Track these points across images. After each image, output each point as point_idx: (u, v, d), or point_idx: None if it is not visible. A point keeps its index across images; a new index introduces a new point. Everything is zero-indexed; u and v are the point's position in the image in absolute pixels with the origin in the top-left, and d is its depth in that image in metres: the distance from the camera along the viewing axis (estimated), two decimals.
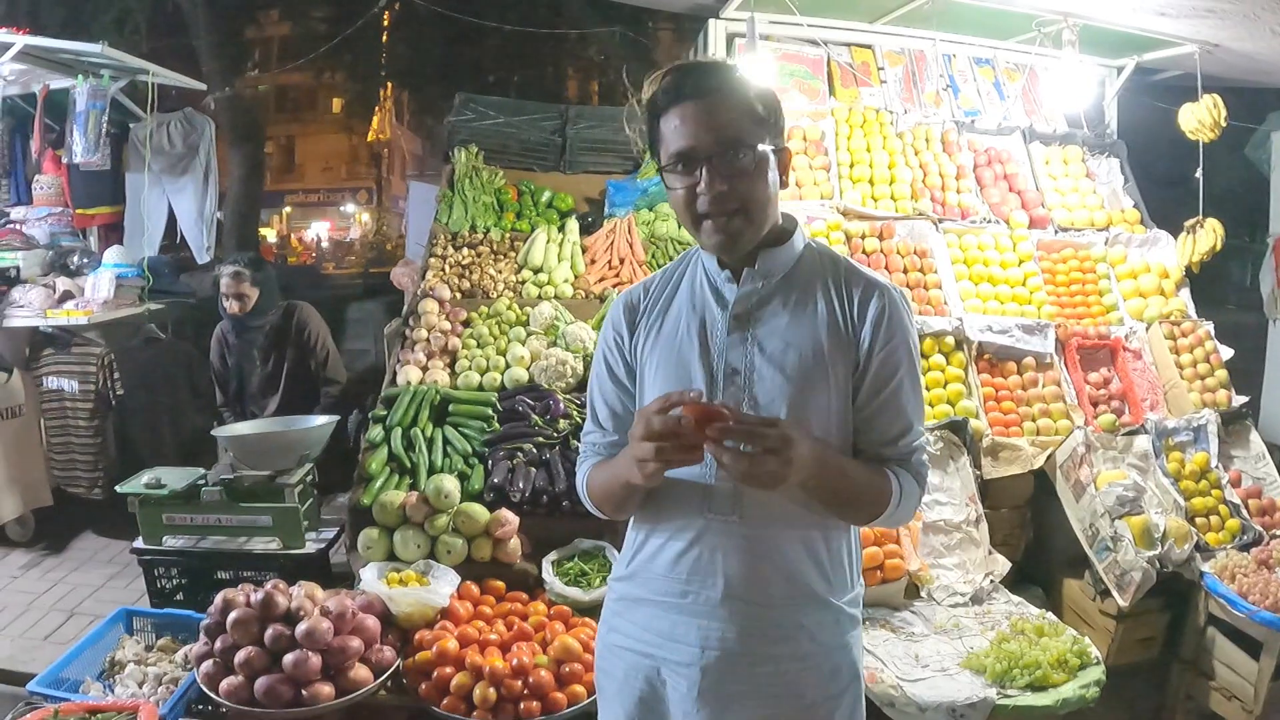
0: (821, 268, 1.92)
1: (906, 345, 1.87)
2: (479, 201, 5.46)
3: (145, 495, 3.79)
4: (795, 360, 1.83)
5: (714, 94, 1.77)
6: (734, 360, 1.86)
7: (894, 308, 1.87)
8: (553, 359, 4.29)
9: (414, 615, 3.12)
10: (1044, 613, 3.60)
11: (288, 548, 3.77)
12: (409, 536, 3.49)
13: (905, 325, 1.87)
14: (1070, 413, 4.61)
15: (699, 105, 1.77)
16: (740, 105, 1.78)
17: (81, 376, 5.74)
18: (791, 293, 1.89)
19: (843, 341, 1.85)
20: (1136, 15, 4.84)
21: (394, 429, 3.94)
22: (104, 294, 5.87)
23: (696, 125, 1.77)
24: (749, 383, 1.85)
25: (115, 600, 4.71)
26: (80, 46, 6.07)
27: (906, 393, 1.87)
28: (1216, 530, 4.20)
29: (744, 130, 1.77)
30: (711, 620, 1.86)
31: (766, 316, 1.88)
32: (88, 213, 6.93)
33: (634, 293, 2.06)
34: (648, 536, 1.94)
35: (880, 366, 1.85)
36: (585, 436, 2.10)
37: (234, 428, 4.09)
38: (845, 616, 1.93)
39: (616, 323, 2.04)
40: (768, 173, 1.80)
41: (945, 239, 5.10)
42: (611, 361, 2.03)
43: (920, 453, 1.90)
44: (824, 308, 1.87)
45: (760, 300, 1.88)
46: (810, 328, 1.85)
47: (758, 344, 1.86)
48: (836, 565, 1.91)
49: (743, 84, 1.80)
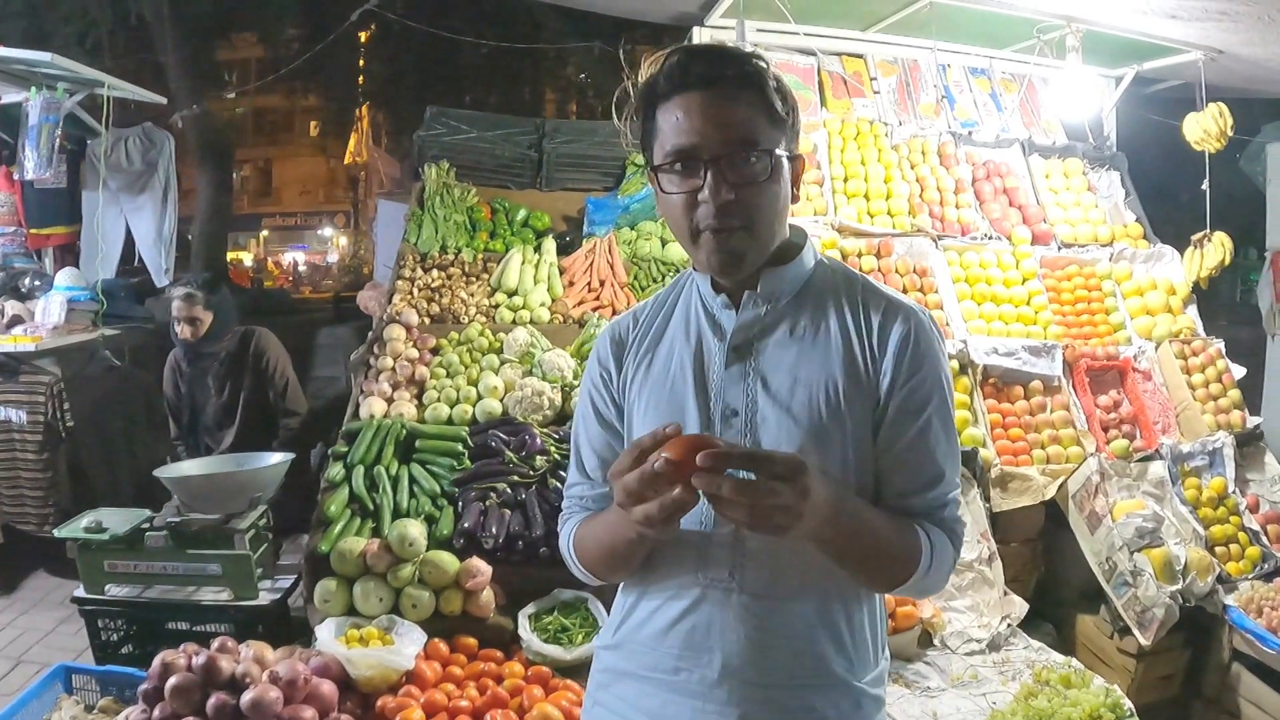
0: (835, 288, 1.66)
1: (936, 378, 1.61)
2: (450, 220, 5.32)
3: (85, 540, 3.55)
4: (805, 399, 1.58)
5: (727, 84, 1.52)
6: (733, 399, 1.61)
7: (921, 334, 1.61)
8: (528, 389, 4.07)
9: (375, 679, 2.85)
10: (1069, 660, 3.43)
11: (239, 598, 3.51)
12: (370, 589, 3.21)
13: (935, 354, 1.62)
14: (1081, 439, 4.49)
15: (708, 96, 1.51)
16: (756, 100, 1.53)
17: (30, 406, 5.48)
18: (800, 319, 1.64)
19: (861, 376, 1.59)
20: (1145, 19, 4.74)
21: (356, 467, 3.70)
22: (54, 318, 5.67)
23: (703, 120, 1.51)
24: (751, 425, 1.60)
25: (66, 647, 4.50)
26: (29, 55, 5.85)
27: (936, 434, 1.61)
28: (1236, 559, 4.15)
29: (759, 130, 1.52)
30: (708, 702, 1.59)
31: (770, 347, 1.63)
32: (42, 232, 6.74)
33: (622, 323, 1.80)
34: (637, 601, 1.68)
35: (904, 404, 1.59)
36: (569, 489, 1.83)
37: (179, 467, 3.86)
38: (868, 699, 1.65)
39: (603, 358, 1.78)
40: (782, 183, 1.57)
41: (945, 256, 4.99)
42: (598, 403, 1.77)
43: (954, 506, 1.64)
44: (838, 336, 1.61)
45: (763, 328, 1.64)
46: (823, 360, 1.60)
47: (761, 380, 1.61)
48: (858, 639, 1.64)
49: (761, 75, 1.54)
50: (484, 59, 13.02)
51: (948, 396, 1.64)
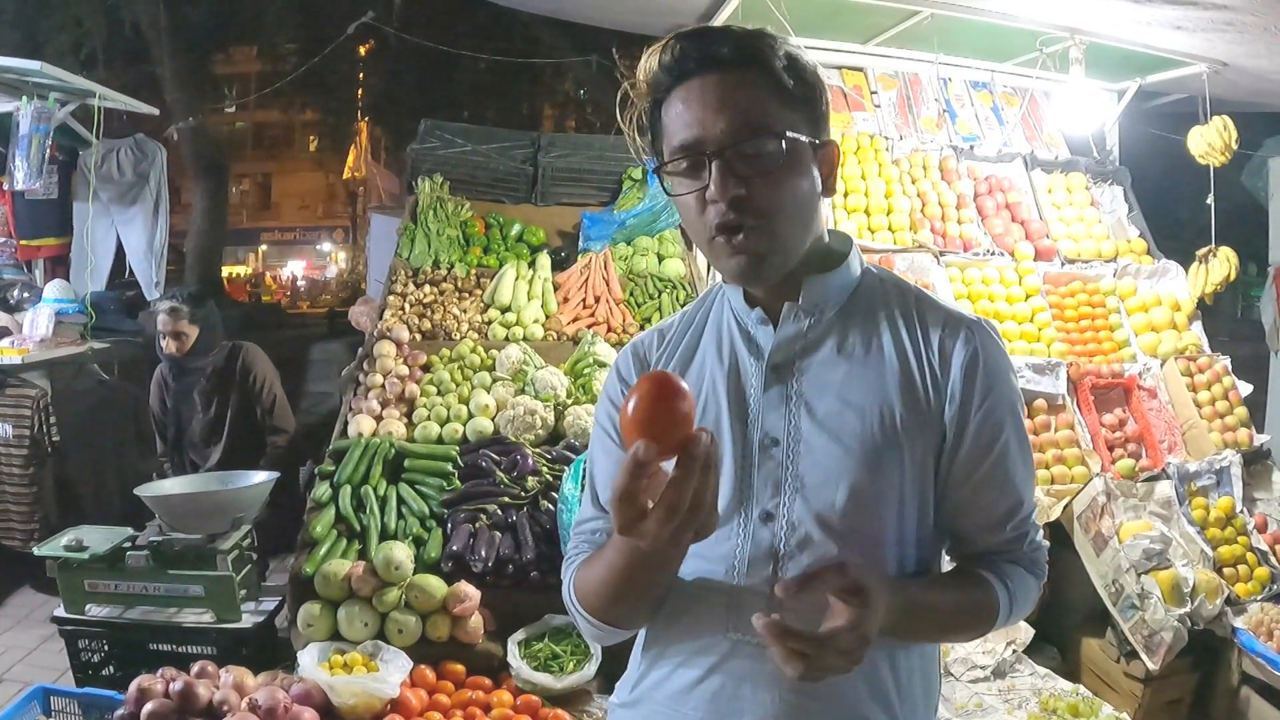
0: (887, 300, 1.48)
1: (1009, 399, 1.45)
2: (443, 235, 5.30)
3: (65, 559, 3.45)
4: (857, 426, 1.40)
5: (729, 67, 1.35)
6: (772, 426, 1.43)
7: (989, 350, 1.44)
8: (520, 408, 4.00)
9: (359, 707, 2.77)
10: (1077, 688, 3.41)
11: (222, 621, 3.42)
12: (355, 613, 3.13)
13: (1005, 372, 1.46)
14: (1086, 458, 4.41)
15: (708, 82, 1.35)
16: (765, 80, 1.35)
17: (15, 420, 5.44)
18: (848, 334, 1.45)
19: (920, 401, 1.42)
20: (1150, 31, 4.71)
21: (343, 486, 3.63)
22: (42, 331, 5.64)
23: (704, 108, 1.34)
24: (793, 455, 1.42)
25: (49, 666, 4.42)
26: (18, 64, 5.82)
27: (1014, 460, 1.45)
28: (1245, 580, 4.11)
29: (768, 112, 1.34)
30: None
31: (815, 367, 1.44)
32: (33, 244, 6.78)
33: (645, 341, 1.62)
34: (658, 655, 1.50)
35: (979, 433, 1.43)
36: (580, 525, 1.61)
37: (160, 486, 3.76)
38: None
39: (626, 376, 1.61)
40: (804, 172, 1.37)
41: (947, 273, 4.94)
42: (614, 428, 1.54)
43: (1035, 531, 1.51)
44: (893, 354, 1.43)
45: (806, 345, 1.45)
46: (876, 382, 1.42)
47: (804, 404, 1.42)
48: (906, 696, 1.46)
49: (770, 51, 1.36)
50: (482, 73, 13.06)
51: (1021, 415, 1.49)
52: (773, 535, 1.41)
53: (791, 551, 1.40)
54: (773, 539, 1.41)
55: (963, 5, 4.85)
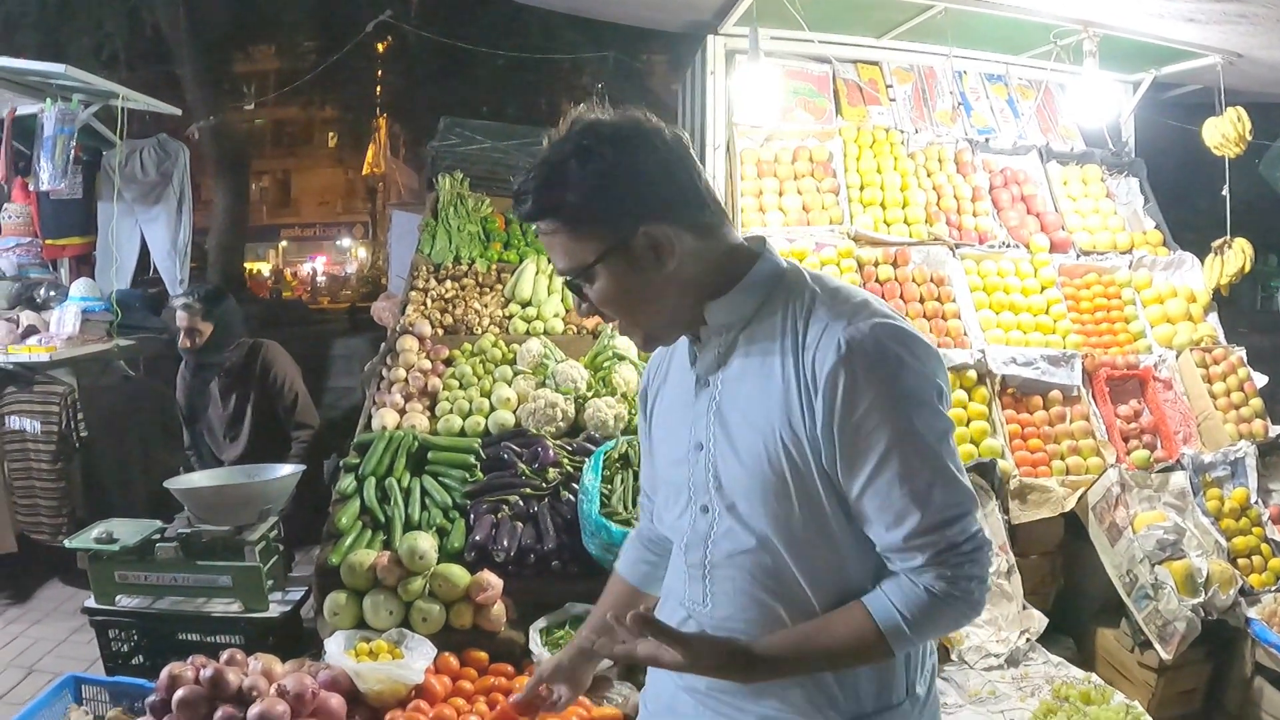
0: (787, 309, 1.53)
1: (885, 409, 1.42)
2: (464, 231, 5.36)
3: (95, 550, 3.53)
4: (749, 441, 1.52)
5: (535, 220, 1.56)
6: (698, 432, 1.61)
7: (856, 358, 1.42)
8: (541, 401, 4.06)
9: (384, 693, 2.82)
10: (1089, 676, 3.40)
11: (249, 610, 3.48)
12: (380, 602, 3.18)
13: (879, 380, 1.42)
14: (1101, 449, 4.45)
15: (540, 234, 1.61)
16: (562, 224, 1.52)
17: (44, 416, 5.53)
18: (751, 350, 1.54)
19: (799, 421, 1.47)
20: (1163, 23, 4.70)
21: (367, 479, 3.70)
22: (69, 329, 5.68)
23: (548, 251, 1.62)
24: (711, 460, 1.59)
25: (78, 656, 4.52)
26: (44, 67, 5.89)
27: (900, 470, 1.42)
28: (1259, 571, 4.15)
29: (575, 253, 1.53)
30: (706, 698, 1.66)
31: (729, 382, 1.57)
32: (58, 243, 6.80)
33: (660, 352, 1.87)
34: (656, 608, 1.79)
35: (851, 444, 1.44)
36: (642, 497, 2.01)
37: (188, 479, 3.83)
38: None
39: (644, 381, 1.89)
40: (622, 274, 1.52)
41: (963, 265, 4.97)
42: (641, 426, 1.91)
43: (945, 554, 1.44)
44: (779, 372, 1.49)
45: (719, 360, 1.59)
46: (768, 401, 1.50)
47: (720, 415, 1.58)
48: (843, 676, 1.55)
49: (559, 190, 1.49)
50: (500, 69, 13.04)
51: (913, 422, 1.43)
52: (706, 524, 1.62)
53: (717, 539, 1.61)
54: (706, 527, 1.62)
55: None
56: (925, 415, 1.44)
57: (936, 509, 1.43)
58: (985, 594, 1.48)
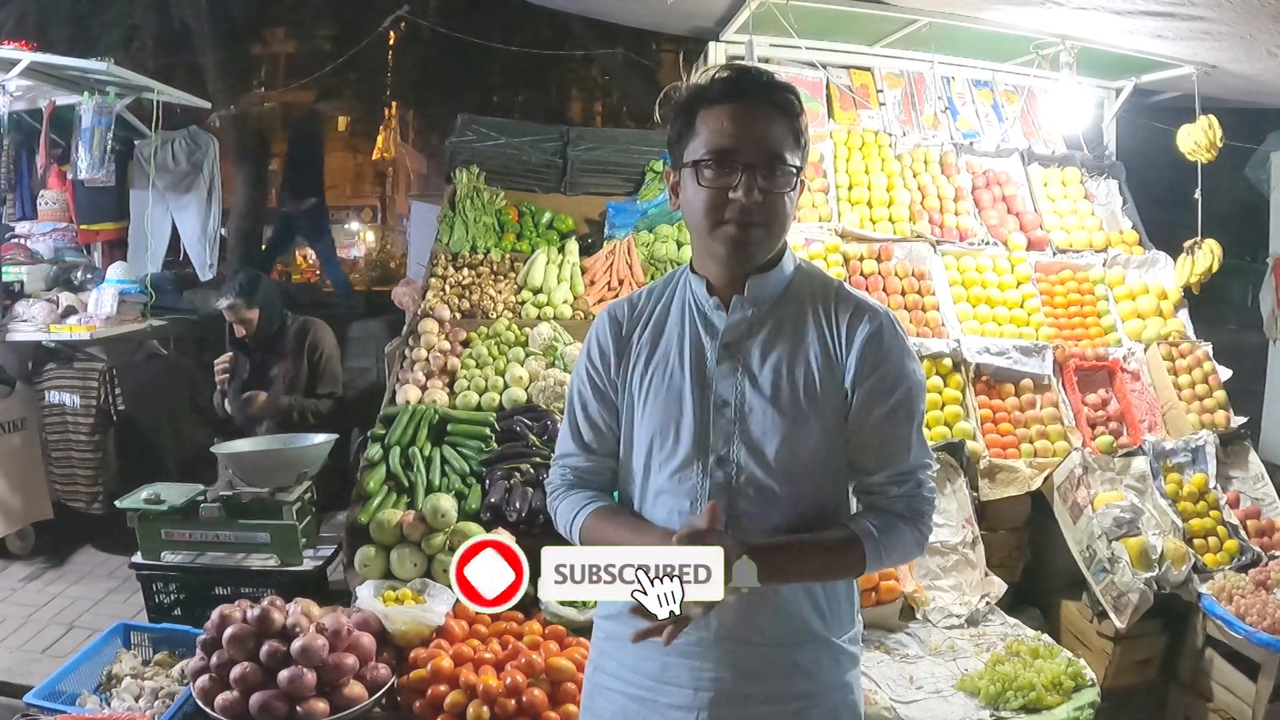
0: (813, 292, 1.85)
1: (899, 373, 1.80)
2: (480, 222, 5.47)
3: (144, 510, 3.79)
4: (788, 393, 1.78)
5: (769, 104, 1.73)
6: (724, 392, 1.81)
7: (884, 333, 1.80)
8: (551, 380, 4.31)
9: (409, 633, 3.11)
10: (1039, 634, 3.59)
11: (285, 565, 3.77)
12: (405, 555, 3.50)
13: (898, 352, 1.81)
14: (1068, 434, 4.60)
15: (753, 109, 1.72)
16: (788, 124, 1.74)
17: (83, 391, 5.73)
18: (783, 320, 1.83)
19: (833, 371, 1.79)
20: (1133, 38, 4.85)
21: (392, 448, 3.94)
22: (107, 310, 5.86)
23: (746, 129, 1.71)
24: (740, 416, 1.80)
25: (114, 614, 4.69)
26: (86, 64, 6.07)
27: (898, 423, 1.80)
28: (1215, 551, 4.21)
29: (788, 148, 1.73)
30: (705, 661, 1.80)
31: (757, 346, 1.82)
32: (92, 228, 6.94)
33: (618, 309, 1.97)
34: None
35: (869, 393, 1.79)
36: (561, 459, 1.99)
37: (233, 444, 4.09)
38: (845, 655, 1.88)
39: (603, 340, 1.95)
40: (794, 197, 1.78)
41: (943, 261, 5.12)
42: (596, 379, 1.94)
43: (918, 488, 1.82)
44: (814, 335, 1.81)
45: (750, 328, 1.82)
46: (803, 358, 1.80)
47: (749, 375, 1.80)
48: (833, 602, 1.86)
49: (793, 105, 1.76)
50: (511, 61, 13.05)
51: (912, 391, 1.80)
52: (726, 475, 1.80)
53: (741, 487, 1.80)
54: (726, 478, 1.79)
55: (958, 15, 5.03)
56: (918, 390, 1.83)
57: (915, 458, 1.82)
58: (928, 532, 1.83)
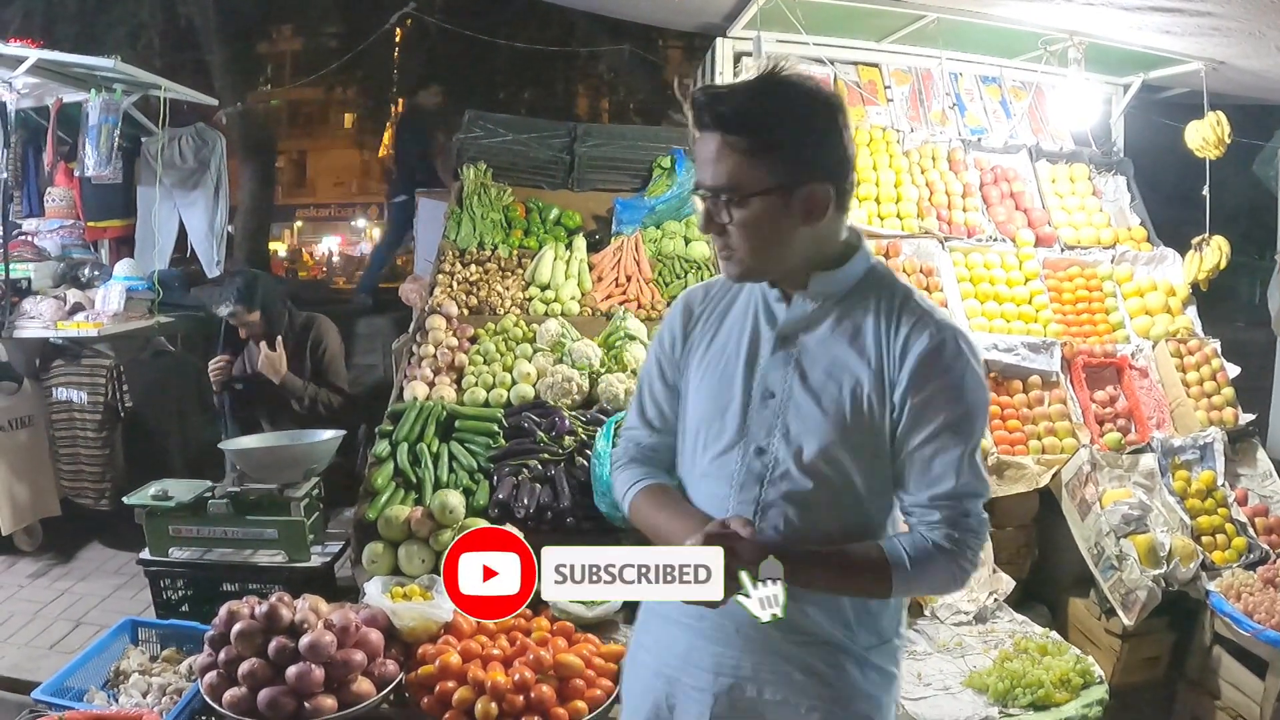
0: (879, 296, 1.78)
1: (952, 395, 1.70)
2: (487, 218, 5.46)
3: (152, 507, 3.79)
4: (835, 393, 1.74)
5: (722, 128, 1.65)
6: (772, 382, 1.78)
7: (945, 349, 1.70)
8: (559, 376, 4.29)
9: (417, 629, 3.11)
10: (1047, 631, 3.59)
11: (293, 561, 3.76)
12: (414, 551, 3.50)
13: (956, 372, 1.71)
14: (1076, 431, 4.60)
15: (707, 138, 1.67)
16: (747, 144, 1.64)
17: (90, 388, 5.75)
18: (844, 319, 1.77)
19: (883, 380, 1.72)
20: (1141, 33, 4.83)
21: (400, 444, 3.94)
22: (114, 306, 5.86)
23: (701, 160, 1.69)
24: (783, 409, 1.76)
25: (121, 611, 4.68)
26: (93, 61, 6.09)
27: (945, 446, 1.70)
28: (1223, 549, 4.21)
29: (741, 174, 1.65)
30: (728, 649, 1.81)
31: (813, 342, 1.78)
32: (99, 225, 6.92)
33: (694, 295, 1.97)
34: None
35: (915, 413, 1.70)
36: (627, 430, 2.04)
37: (241, 441, 4.09)
38: (872, 668, 1.83)
39: (673, 325, 1.96)
40: (774, 215, 1.67)
41: (951, 257, 5.11)
42: (663, 362, 1.97)
43: (958, 520, 1.71)
44: (871, 340, 1.74)
45: (809, 324, 1.79)
46: (855, 362, 1.74)
47: (800, 369, 1.77)
48: (861, 613, 1.81)
49: (764, 114, 1.64)
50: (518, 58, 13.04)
51: (969, 413, 1.70)
52: (763, 465, 1.77)
53: (774, 480, 1.77)
54: (762, 468, 1.77)
55: (966, 10, 5.01)
56: (976, 413, 1.73)
57: (963, 484, 1.70)
58: (971, 568, 1.73)
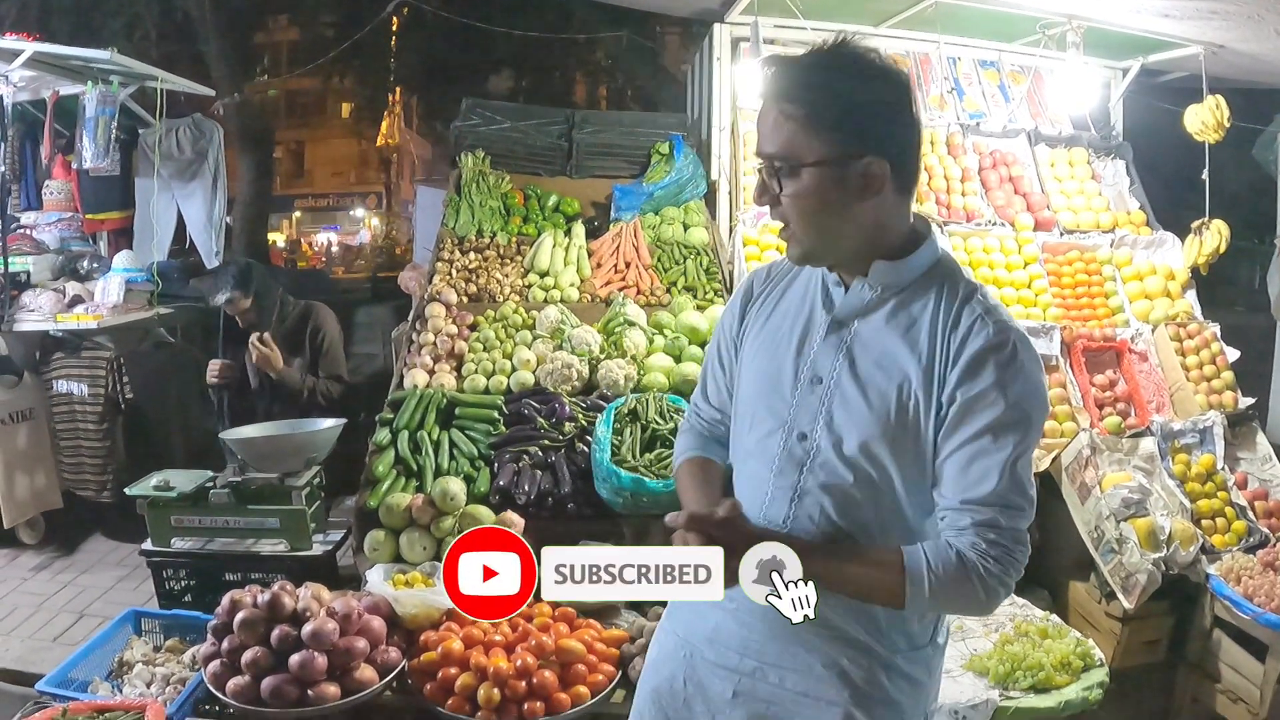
0: (941, 290, 1.69)
1: (1001, 397, 1.59)
2: (486, 206, 5.48)
3: (154, 497, 3.78)
4: (881, 385, 1.67)
5: (779, 98, 1.62)
6: (821, 368, 1.73)
7: (999, 350, 1.61)
8: (558, 362, 4.29)
9: (419, 616, 3.12)
10: (1048, 615, 3.60)
11: (295, 550, 3.76)
12: (415, 539, 3.51)
13: (1009, 376, 1.60)
14: (1075, 415, 4.58)
15: (765, 107, 1.65)
16: (804, 113, 1.60)
17: (91, 380, 5.74)
18: (901, 311, 1.70)
19: (933, 379, 1.64)
20: (1140, 17, 4.82)
21: (401, 432, 3.95)
22: (114, 298, 5.86)
23: (760, 128, 1.66)
24: (829, 396, 1.71)
25: (124, 602, 4.70)
26: (89, 53, 6.06)
27: (986, 450, 1.60)
28: (1223, 532, 4.20)
29: (795, 143, 1.60)
30: (753, 632, 1.79)
31: (867, 330, 1.71)
32: (97, 218, 6.92)
33: (757, 274, 1.95)
34: None
35: (958, 413, 1.62)
36: (694, 399, 2.09)
37: (241, 430, 4.07)
38: (898, 674, 1.76)
39: (734, 302, 1.95)
40: (827, 189, 1.61)
41: (950, 242, 5.09)
42: (723, 344, 1.97)
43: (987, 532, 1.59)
44: (926, 336, 1.66)
45: (865, 312, 1.72)
46: (907, 356, 1.67)
47: (850, 357, 1.71)
48: (891, 614, 1.73)
49: (820, 87, 1.60)
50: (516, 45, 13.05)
51: (1018, 421, 1.59)
52: (804, 451, 1.73)
53: (813, 468, 1.73)
54: (803, 454, 1.73)
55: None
56: (1026, 422, 1.61)
57: (1003, 491, 1.59)
58: (995, 591, 1.60)
